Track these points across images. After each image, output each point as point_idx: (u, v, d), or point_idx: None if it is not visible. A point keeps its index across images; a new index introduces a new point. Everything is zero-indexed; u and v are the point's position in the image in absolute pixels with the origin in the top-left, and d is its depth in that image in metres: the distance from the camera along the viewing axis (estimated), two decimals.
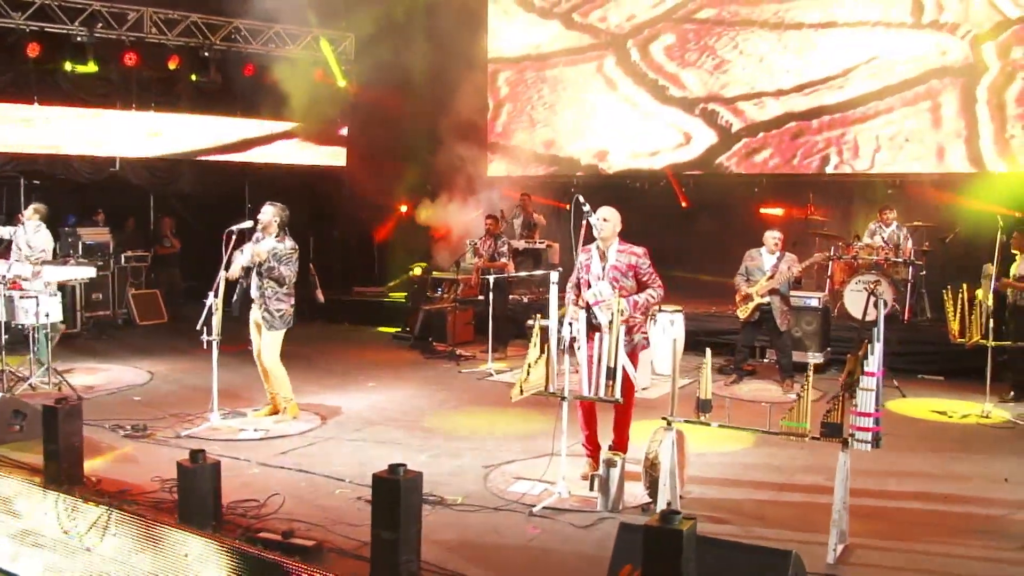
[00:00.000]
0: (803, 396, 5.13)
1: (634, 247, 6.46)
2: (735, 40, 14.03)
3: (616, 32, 15.05)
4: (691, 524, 3.79)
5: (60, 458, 5.92)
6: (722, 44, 14.14)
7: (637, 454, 6.12)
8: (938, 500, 6.08)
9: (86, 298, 12.64)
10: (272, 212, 7.83)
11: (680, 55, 14.48)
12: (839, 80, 13.09)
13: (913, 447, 7.35)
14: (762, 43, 13.78)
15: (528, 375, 5.95)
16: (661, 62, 14.67)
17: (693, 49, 14.39)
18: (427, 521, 5.54)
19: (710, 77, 14.22)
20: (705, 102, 14.24)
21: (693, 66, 14.36)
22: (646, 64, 14.78)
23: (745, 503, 5.99)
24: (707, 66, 14.25)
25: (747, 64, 13.92)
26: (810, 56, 13.36)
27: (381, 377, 10.12)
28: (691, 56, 14.40)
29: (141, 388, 9.31)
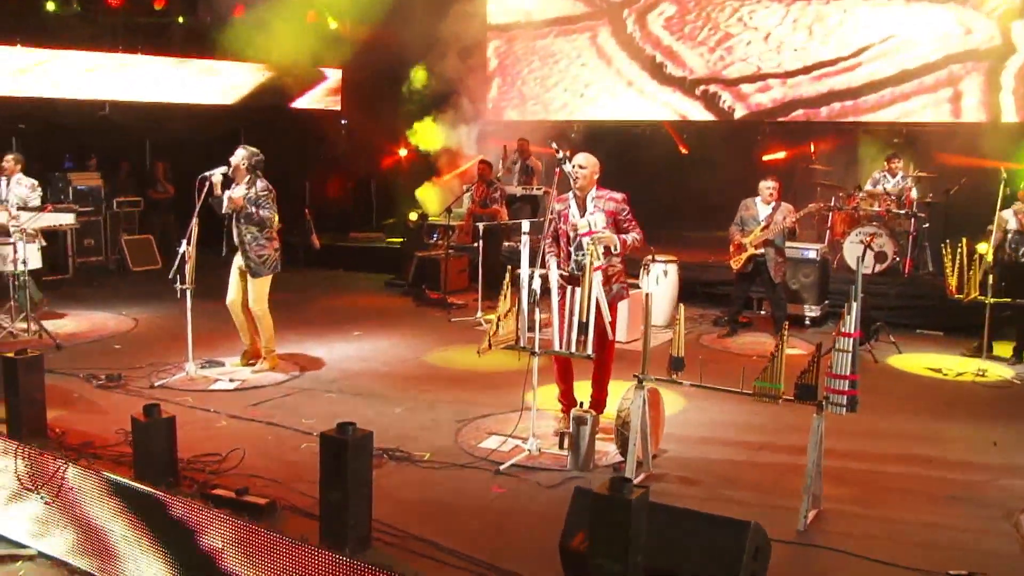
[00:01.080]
0: (776, 355, 4.91)
1: (612, 192, 6.23)
2: (739, 13, 13.43)
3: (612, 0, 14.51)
4: (641, 493, 3.61)
5: (21, 410, 5.81)
6: (725, 16, 13.54)
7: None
8: (920, 463, 5.89)
9: (78, 244, 12.51)
10: (242, 155, 7.63)
11: (680, 28, 13.87)
12: (850, 60, 12.53)
13: (902, 406, 7.15)
14: (769, 16, 13.18)
15: (497, 328, 5.77)
16: (660, 35, 14.09)
17: (694, 21, 13.79)
18: (391, 478, 5.46)
19: (712, 55, 13.66)
20: (706, 83, 13.77)
21: (694, 41, 13.78)
22: (643, 38, 14.22)
23: (720, 464, 5.81)
24: (710, 42, 13.68)
25: (752, 40, 13.34)
26: (820, 32, 12.78)
27: (369, 325, 9.96)
28: (692, 30, 13.81)
29: (124, 336, 9.20)
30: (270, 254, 7.66)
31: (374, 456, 5.65)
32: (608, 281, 6.12)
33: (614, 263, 6.16)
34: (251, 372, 7.74)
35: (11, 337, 8.58)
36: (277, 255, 7.74)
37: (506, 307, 5.80)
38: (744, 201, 9.47)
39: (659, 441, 5.91)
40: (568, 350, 5.70)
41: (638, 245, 6.15)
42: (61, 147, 13.03)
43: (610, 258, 6.11)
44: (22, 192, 9.26)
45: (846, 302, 4.74)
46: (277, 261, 7.74)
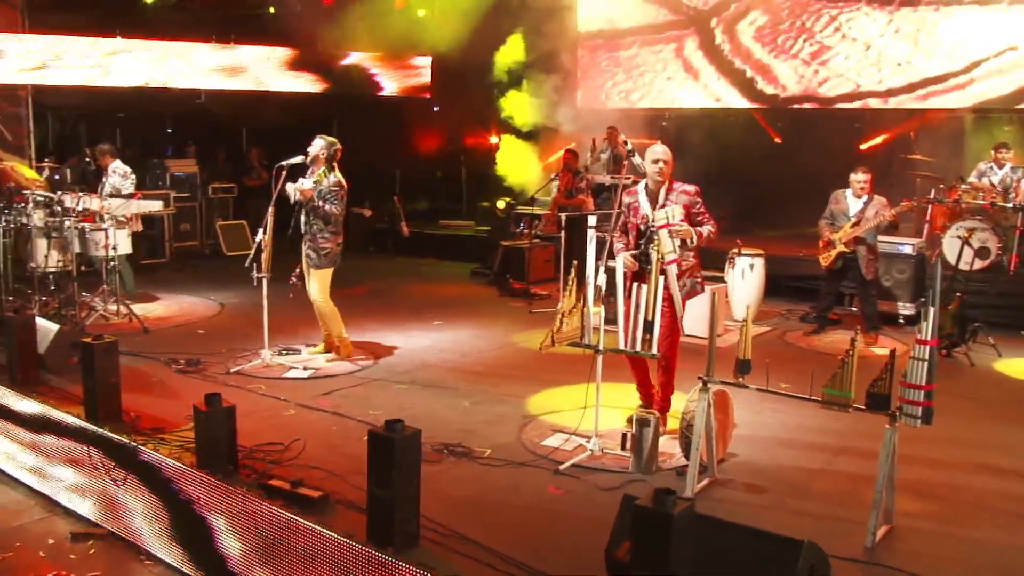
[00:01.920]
0: (847, 361, 4.64)
1: (685, 185, 6.03)
2: (837, 21, 12.61)
3: (699, 7, 13.90)
4: (686, 506, 3.45)
5: (97, 393, 5.97)
6: (821, 25, 12.73)
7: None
8: (1011, 478, 5.51)
9: (175, 229, 12.89)
10: (320, 145, 7.65)
11: (772, 39, 13.14)
12: (962, 77, 11.62)
13: (998, 414, 6.73)
14: (870, 26, 12.32)
15: (561, 324, 5.64)
16: (750, 48, 13.44)
17: (788, 32, 13.04)
18: (448, 474, 5.40)
19: (806, 69, 12.95)
20: (799, 101, 13.08)
21: (787, 54, 13.07)
22: (733, 50, 13.59)
23: (790, 471, 5.56)
24: (804, 54, 12.95)
25: (851, 53, 12.54)
26: (928, 44, 11.85)
27: (449, 315, 9.95)
28: (785, 41, 13.08)
29: (209, 321, 9.42)
30: (332, 248, 7.66)
31: (434, 451, 5.68)
32: (681, 276, 5.92)
33: (687, 257, 5.95)
34: (325, 361, 7.80)
35: (103, 320, 8.87)
36: (339, 249, 7.74)
37: (571, 303, 5.66)
38: (834, 194, 9.05)
39: (727, 445, 5.70)
40: (633, 348, 5.53)
41: (713, 238, 5.94)
42: (160, 135, 13.42)
43: (684, 252, 5.90)
44: (115, 180, 9.56)
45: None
46: (338, 256, 7.74)
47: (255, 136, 15.09)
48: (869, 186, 8.73)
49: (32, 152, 11.28)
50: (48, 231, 8.82)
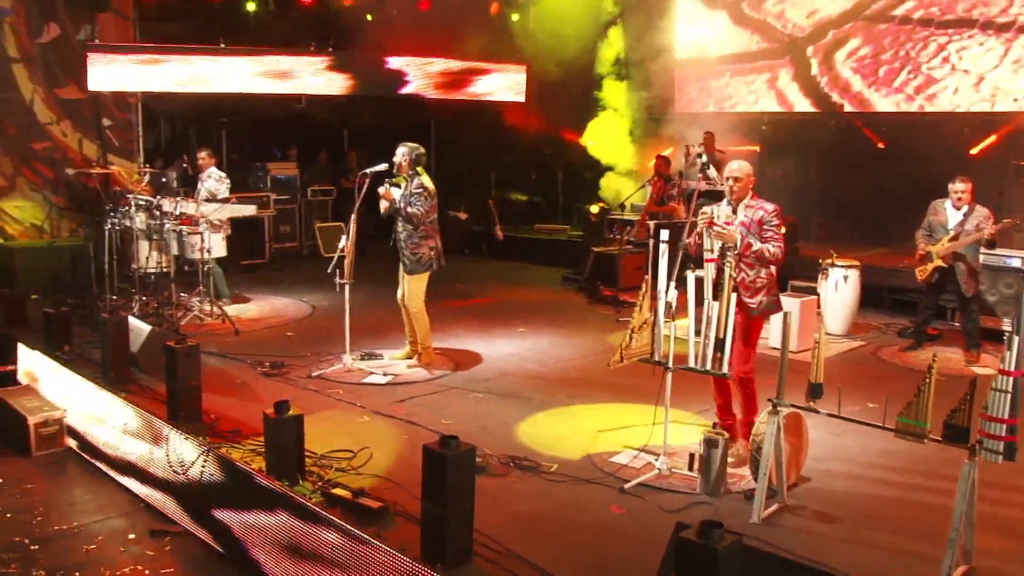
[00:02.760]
0: (923, 389, 4.39)
1: (765, 203, 5.81)
2: (946, 51, 11.73)
3: (794, 33, 13.29)
4: (732, 541, 3.33)
5: (178, 395, 6.17)
6: (929, 55, 11.88)
7: None
8: None
9: (274, 230, 13.25)
10: (403, 153, 7.73)
11: (873, 70, 12.34)
12: None
13: None
14: (984, 56, 11.39)
15: (630, 340, 5.53)
16: (849, 79, 12.76)
17: (890, 62, 12.25)
18: (512, 489, 5.37)
19: (910, 105, 12.12)
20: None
21: (889, 87, 12.28)
22: (830, 82, 12.92)
23: (867, 499, 5.31)
24: (908, 88, 12.14)
25: (962, 85, 11.63)
26: None
27: (535, 322, 9.91)
28: (888, 73, 12.29)
29: (298, 323, 9.63)
30: (424, 252, 7.72)
31: (501, 463, 5.66)
32: (755, 293, 5.71)
33: (762, 274, 5.73)
34: (406, 367, 7.86)
35: (198, 320, 9.17)
36: (433, 254, 7.78)
37: (641, 319, 5.54)
38: (933, 204, 8.56)
39: (800, 469, 5.48)
40: (703, 367, 5.38)
41: (769, 258, 5.65)
42: (264, 138, 13.78)
43: (758, 269, 5.70)
44: (211, 185, 9.87)
45: (1008, 334, 4.17)
46: (432, 260, 7.79)
47: (355, 138, 15.38)
48: (969, 196, 8.21)
49: (141, 156, 11.76)
50: (149, 234, 9.17)
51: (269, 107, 13.21)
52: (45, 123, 11.04)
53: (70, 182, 10.94)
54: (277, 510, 4.82)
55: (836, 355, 8.82)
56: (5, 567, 5.43)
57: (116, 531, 5.91)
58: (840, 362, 8.61)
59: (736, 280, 5.63)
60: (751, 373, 5.81)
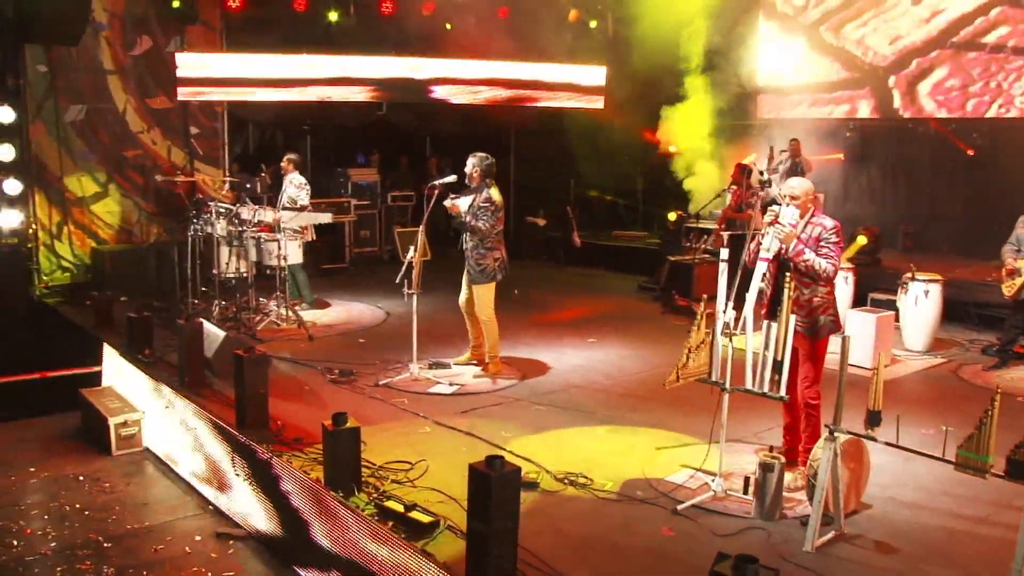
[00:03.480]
0: (986, 421, 4.22)
1: (825, 220, 5.67)
2: None
3: (875, 62, 12.85)
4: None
5: (246, 402, 6.34)
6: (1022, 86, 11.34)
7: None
8: None
9: (355, 235, 13.49)
10: (473, 163, 7.81)
11: (960, 102, 11.77)
12: None
13: None
14: None
15: (687, 360, 5.46)
16: (933, 112, 12.31)
17: (979, 95, 11.66)
18: (564, 507, 5.36)
19: None
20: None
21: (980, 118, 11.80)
22: (914, 115, 12.52)
23: (930, 531, 5.12)
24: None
25: None
26: None
27: (606, 332, 9.86)
28: (977, 106, 11.74)
29: (372, 329, 9.77)
30: (489, 263, 7.78)
31: (557, 480, 5.65)
32: (812, 312, 5.58)
33: (819, 293, 5.59)
34: (473, 377, 7.92)
35: (274, 325, 9.40)
36: (497, 264, 7.84)
37: (699, 338, 5.47)
38: (1022, 217, 8.26)
39: (860, 496, 5.33)
40: (760, 389, 5.28)
41: (819, 272, 5.48)
42: (346, 144, 14.04)
43: (814, 287, 5.56)
44: (292, 192, 10.10)
45: None
46: (496, 271, 7.84)
47: (437, 144, 15.54)
48: None
49: (226, 163, 12.13)
50: (229, 240, 9.44)
51: (351, 113, 13.45)
52: (136, 132, 11.48)
53: (159, 188, 11.35)
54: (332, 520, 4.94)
55: (914, 373, 8.54)
56: (80, 563, 5.69)
57: (184, 532, 6.14)
58: (918, 380, 8.35)
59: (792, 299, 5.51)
60: (817, 398, 5.66)
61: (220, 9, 11.81)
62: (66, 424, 8.17)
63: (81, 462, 7.34)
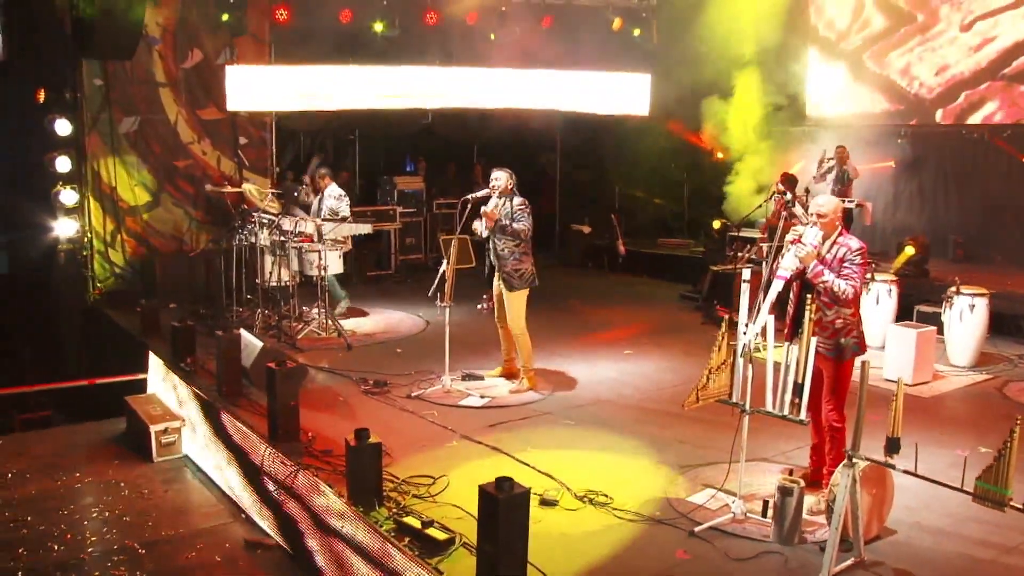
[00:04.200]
0: (1005, 452, 4.14)
1: (851, 241, 5.60)
2: None
3: (921, 93, 12.57)
4: None
5: (277, 414, 6.48)
6: None
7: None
8: None
9: (400, 242, 13.66)
10: (504, 176, 7.89)
11: (1016, 141, 11.47)
12: None
13: None
14: None
15: (708, 381, 5.45)
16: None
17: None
18: (581, 527, 5.39)
19: None
20: None
21: None
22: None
23: (954, 559, 5.03)
24: None
25: None
26: None
27: (643, 343, 9.84)
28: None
29: (410, 339, 9.87)
30: (527, 268, 7.85)
31: (577, 498, 5.68)
32: (835, 334, 5.52)
33: (842, 314, 5.52)
34: (508, 391, 7.96)
35: (315, 334, 9.56)
36: (533, 269, 7.90)
37: (719, 359, 5.45)
38: None
39: (883, 521, 5.26)
40: (781, 412, 5.25)
41: (839, 294, 5.40)
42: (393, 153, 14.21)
43: (837, 309, 5.50)
44: (331, 203, 10.28)
45: None
46: (534, 275, 7.91)
47: (484, 151, 15.65)
48: None
49: (274, 173, 12.37)
50: (273, 249, 9.64)
51: (398, 122, 13.61)
52: (187, 142, 11.76)
53: (208, 197, 11.62)
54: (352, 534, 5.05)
55: (958, 389, 8.38)
56: (116, 568, 5.89)
57: (217, 540, 6.32)
58: (961, 397, 8.19)
59: (814, 321, 5.47)
60: (841, 421, 5.60)
61: (268, 22, 12.03)
62: (113, 430, 8.43)
63: (123, 468, 7.58)
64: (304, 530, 5.77)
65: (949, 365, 9.00)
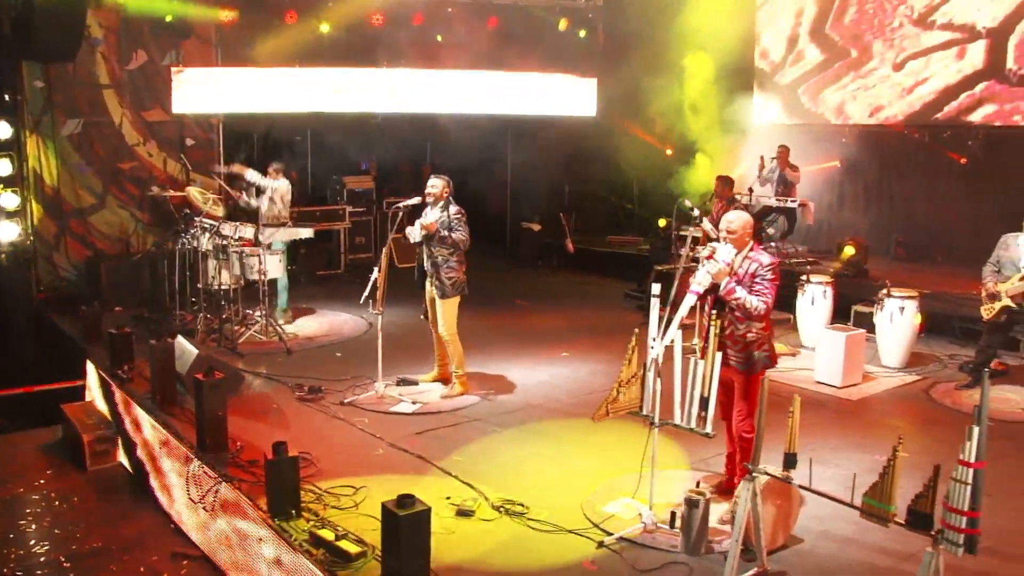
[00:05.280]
0: (888, 471, 4.28)
1: (762, 256, 5.74)
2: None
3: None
4: None
5: (205, 426, 6.53)
6: None
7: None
8: None
9: (350, 242, 13.69)
10: (441, 184, 7.99)
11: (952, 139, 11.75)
12: None
13: None
14: None
15: (617, 395, 5.56)
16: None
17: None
18: (493, 537, 5.49)
19: None
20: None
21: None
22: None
23: (856, 568, 5.13)
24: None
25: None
26: None
27: (581, 345, 9.93)
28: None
29: (351, 342, 9.92)
30: (458, 277, 7.94)
31: (494, 508, 5.79)
32: (747, 347, 5.66)
33: (753, 328, 5.66)
34: (440, 396, 8.05)
35: (256, 337, 9.61)
36: (465, 278, 7.99)
37: (629, 372, 5.58)
38: (1004, 237, 8.13)
39: (790, 530, 5.40)
40: (688, 425, 5.39)
41: (750, 310, 5.55)
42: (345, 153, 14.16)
43: (748, 323, 5.65)
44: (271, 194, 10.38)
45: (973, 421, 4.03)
46: (464, 284, 8.00)
47: (437, 150, 15.69)
48: None
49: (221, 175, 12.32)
50: (216, 253, 9.67)
51: (349, 123, 13.61)
52: (132, 144, 11.72)
53: (154, 199, 11.60)
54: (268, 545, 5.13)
55: (885, 391, 8.55)
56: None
57: (143, 552, 6.36)
58: (887, 400, 8.37)
59: (725, 334, 5.63)
60: (751, 432, 5.70)
61: (214, 23, 12.00)
62: (49, 439, 8.43)
63: (57, 477, 7.60)
64: (224, 542, 5.85)
65: (880, 366, 9.18)
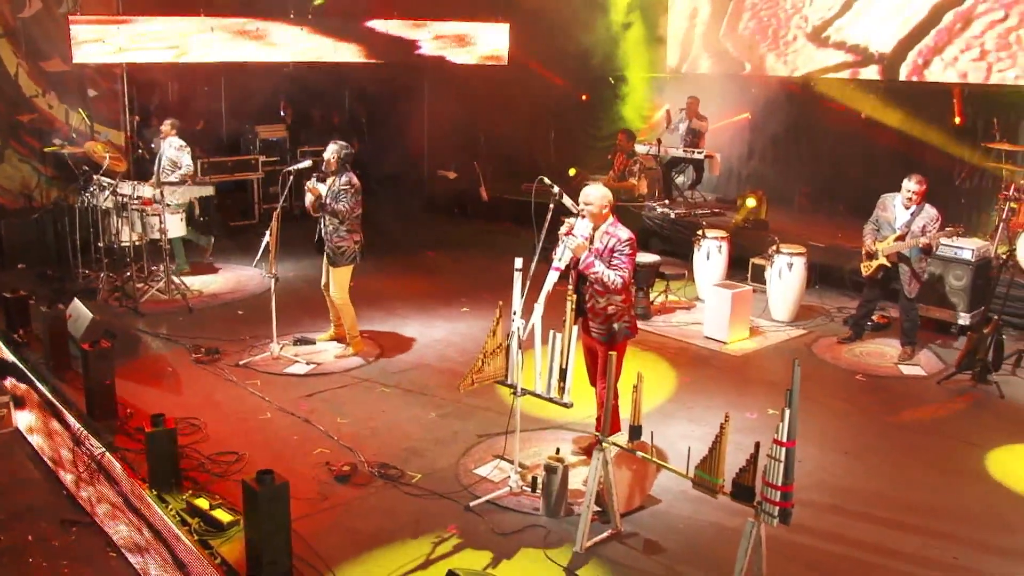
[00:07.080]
0: (716, 445, 4.58)
1: (620, 231, 5.97)
2: None
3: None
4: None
5: (93, 394, 6.65)
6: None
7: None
8: None
9: (263, 191, 13.65)
10: (333, 150, 8.04)
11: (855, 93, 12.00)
12: None
13: None
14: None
15: (482, 365, 5.79)
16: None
17: None
18: (366, 502, 5.70)
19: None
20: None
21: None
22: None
23: (703, 529, 5.44)
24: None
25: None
26: None
27: (482, 299, 10.05)
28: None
29: (255, 299, 9.96)
30: (348, 246, 8.04)
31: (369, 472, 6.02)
32: (608, 319, 5.93)
33: (614, 300, 5.93)
34: (334, 356, 8.23)
35: (158, 296, 9.66)
36: (356, 247, 8.09)
37: (494, 343, 5.80)
38: (882, 198, 8.42)
39: (645, 492, 5.71)
40: (548, 395, 5.66)
41: (609, 284, 5.82)
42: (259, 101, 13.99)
43: (609, 296, 5.90)
44: (172, 154, 10.31)
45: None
46: (356, 253, 8.10)
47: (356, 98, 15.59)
48: (919, 196, 8.02)
49: (128, 127, 12.17)
50: (118, 211, 9.64)
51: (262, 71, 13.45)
52: (31, 96, 11.47)
53: (56, 152, 11.42)
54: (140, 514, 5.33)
55: (770, 347, 8.89)
56: None
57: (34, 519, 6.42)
58: (770, 355, 8.68)
59: (587, 307, 5.88)
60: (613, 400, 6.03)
61: None
62: None
63: None
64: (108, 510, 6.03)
65: (771, 320, 9.54)
